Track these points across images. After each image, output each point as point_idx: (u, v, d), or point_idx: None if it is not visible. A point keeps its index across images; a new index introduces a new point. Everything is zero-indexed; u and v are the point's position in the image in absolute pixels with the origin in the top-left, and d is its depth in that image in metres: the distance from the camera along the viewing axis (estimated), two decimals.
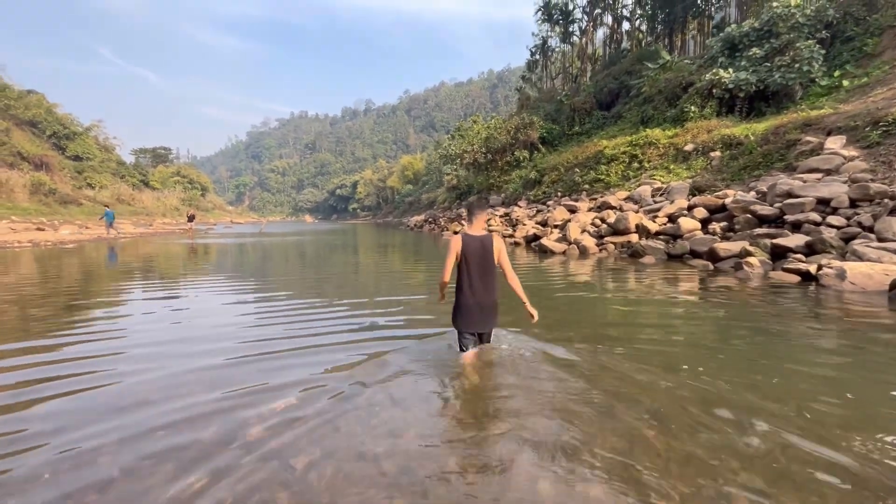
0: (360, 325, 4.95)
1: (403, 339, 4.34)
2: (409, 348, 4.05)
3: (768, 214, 9.57)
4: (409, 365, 3.59)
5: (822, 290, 6.04)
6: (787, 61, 17.20)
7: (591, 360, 3.62)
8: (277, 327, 4.93)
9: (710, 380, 3.19)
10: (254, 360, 3.81)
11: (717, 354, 3.82)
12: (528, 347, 3.87)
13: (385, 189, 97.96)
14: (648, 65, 25.81)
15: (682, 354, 3.82)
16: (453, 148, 32.59)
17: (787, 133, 13.01)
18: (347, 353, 3.98)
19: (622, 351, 3.86)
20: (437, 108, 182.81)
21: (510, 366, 3.48)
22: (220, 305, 6.30)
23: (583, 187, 19.35)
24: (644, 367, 3.42)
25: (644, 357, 3.70)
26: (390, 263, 12.38)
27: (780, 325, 4.60)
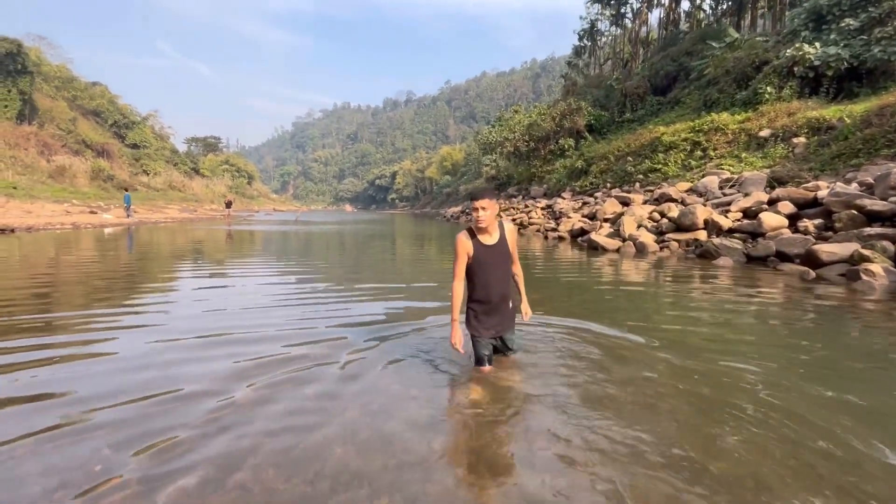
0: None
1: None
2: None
3: (882, 211, 7.75)
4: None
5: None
6: (891, 32, 14.66)
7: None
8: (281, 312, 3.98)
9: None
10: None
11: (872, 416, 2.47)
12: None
13: (423, 180, 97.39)
14: (713, 44, 23.28)
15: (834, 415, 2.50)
16: (494, 135, 31.10)
17: (895, 115, 10.86)
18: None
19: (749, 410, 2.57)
20: (477, 98, 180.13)
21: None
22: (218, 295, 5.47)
23: (636, 178, 17.55)
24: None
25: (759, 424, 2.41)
26: (426, 254, 11.37)
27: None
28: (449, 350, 3.05)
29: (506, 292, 2.83)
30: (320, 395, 2.73)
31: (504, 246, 2.80)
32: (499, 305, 2.82)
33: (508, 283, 2.87)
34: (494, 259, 2.77)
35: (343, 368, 3.14)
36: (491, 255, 2.76)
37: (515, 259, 2.96)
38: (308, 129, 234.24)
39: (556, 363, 3.19)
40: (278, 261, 9.78)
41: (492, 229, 2.77)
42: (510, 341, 3.02)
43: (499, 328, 2.88)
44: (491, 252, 2.76)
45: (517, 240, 2.95)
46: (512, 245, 2.86)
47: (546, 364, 3.16)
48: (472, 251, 2.74)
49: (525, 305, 3.08)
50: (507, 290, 2.85)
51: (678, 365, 3.20)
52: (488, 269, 2.76)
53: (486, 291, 2.78)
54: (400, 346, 3.60)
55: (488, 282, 2.77)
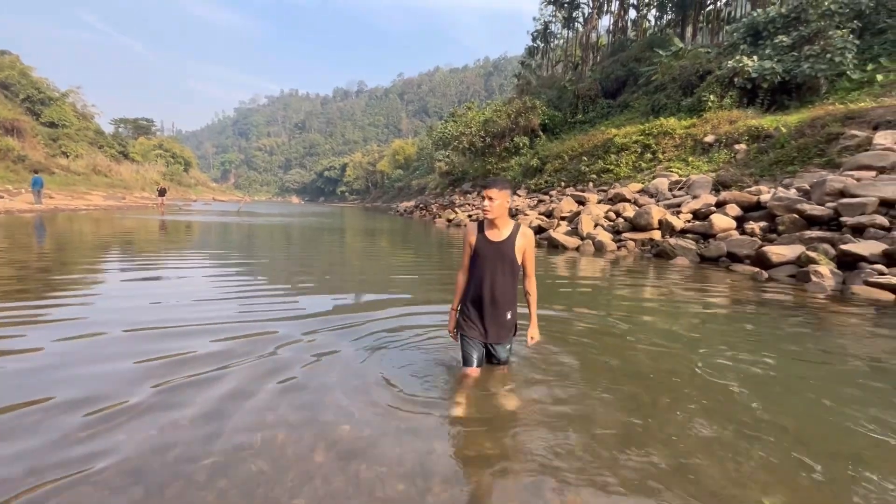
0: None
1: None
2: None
3: (820, 215, 8.25)
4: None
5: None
6: (817, 51, 15.87)
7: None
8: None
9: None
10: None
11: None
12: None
13: (375, 173, 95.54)
14: (660, 52, 24.33)
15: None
16: (449, 130, 30.83)
17: (827, 126, 11.71)
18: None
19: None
20: (430, 93, 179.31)
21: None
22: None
23: (589, 177, 17.94)
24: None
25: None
26: (378, 249, 10.84)
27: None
28: (389, 346, 3.07)
29: (500, 298, 2.55)
30: (232, 395, 2.51)
31: (509, 248, 2.49)
32: (490, 310, 2.56)
33: (508, 290, 2.56)
34: (493, 257, 2.50)
35: (271, 365, 2.87)
36: (491, 252, 2.51)
37: (530, 272, 2.62)
38: (252, 115, 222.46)
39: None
40: (217, 254, 8.89)
41: (501, 224, 2.52)
42: (499, 351, 2.73)
43: (487, 335, 2.62)
44: (492, 249, 2.51)
45: (534, 252, 2.61)
46: (523, 252, 2.54)
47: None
48: (475, 243, 2.57)
49: (534, 329, 2.72)
50: (504, 297, 2.56)
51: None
52: (484, 266, 2.52)
53: (478, 290, 2.55)
54: (336, 340, 3.36)
55: (482, 279, 2.53)
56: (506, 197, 2.45)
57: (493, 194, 2.42)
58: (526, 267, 2.60)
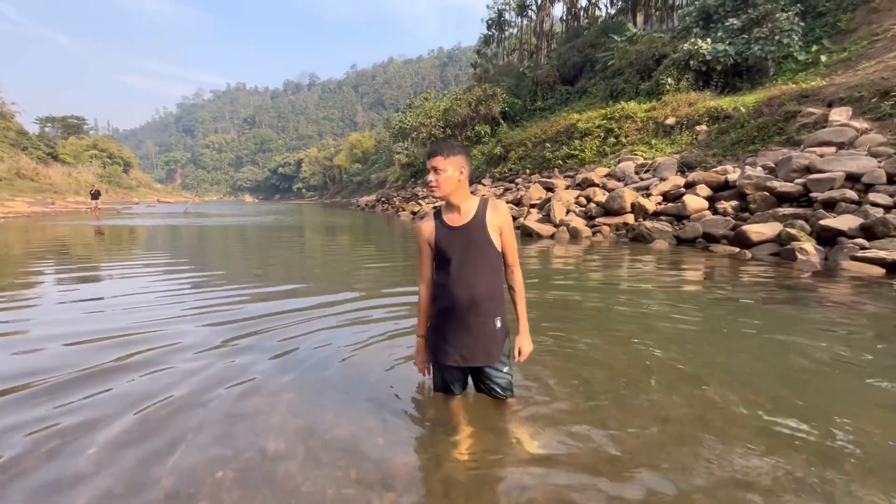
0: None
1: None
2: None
3: (790, 192, 8.25)
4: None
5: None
6: (766, 33, 16.28)
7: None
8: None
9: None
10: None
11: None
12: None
13: (332, 168, 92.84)
14: (615, 37, 24.49)
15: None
16: (409, 120, 29.98)
17: (784, 105, 11.92)
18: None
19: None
20: (386, 84, 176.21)
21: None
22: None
23: (555, 164, 17.76)
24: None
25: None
26: (339, 245, 10.06)
27: None
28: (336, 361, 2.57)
29: (482, 301, 1.83)
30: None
31: (480, 230, 1.82)
32: (470, 320, 1.84)
33: (490, 287, 1.85)
34: (461, 247, 1.82)
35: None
36: (456, 242, 1.83)
37: (511, 260, 1.91)
38: (197, 111, 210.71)
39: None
40: (158, 259, 7.87)
41: (461, 202, 1.84)
42: (494, 378, 1.97)
43: (467, 354, 1.87)
44: (457, 237, 1.83)
45: (514, 231, 1.91)
46: (499, 233, 1.85)
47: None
48: (434, 236, 1.88)
49: (523, 338, 1.95)
50: (486, 297, 1.84)
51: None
52: (452, 263, 1.83)
53: (449, 296, 1.85)
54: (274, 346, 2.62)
55: (452, 281, 1.83)
56: (458, 165, 1.79)
57: (439, 163, 1.76)
58: (506, 253, 1.90)
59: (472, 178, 23.34)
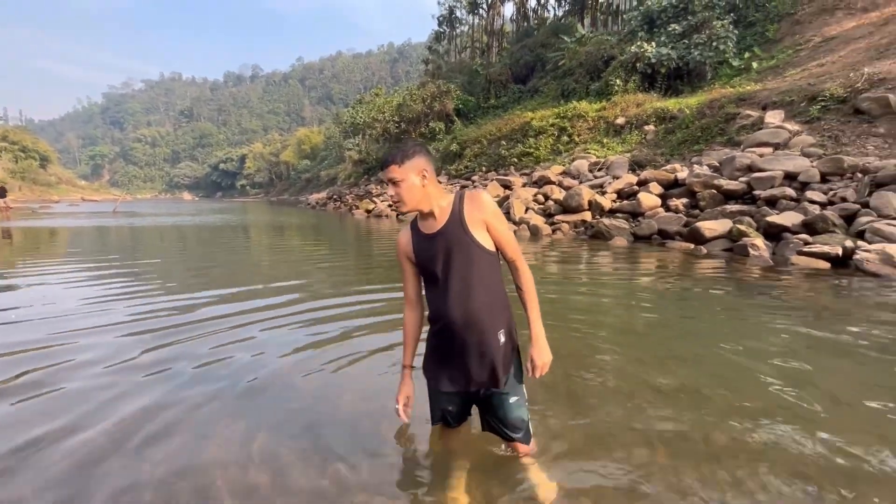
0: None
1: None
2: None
3: (736, 190, 8.67)
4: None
5: (882, 280, 4.91)
6: (704, 39, 17.21)
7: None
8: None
9: None
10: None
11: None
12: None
13: (279, 164, 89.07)
14: (565, 38, 25.05)
15: None
16: (361, 115, 29.18)
17: (724, 107, 12.60)
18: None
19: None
20: (334, 79, 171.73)
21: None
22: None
23: (510, 161, 17.87)
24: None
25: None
26: (289, 244, 9.47)
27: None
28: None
29: (479, 313, 1.54)
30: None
31: (459, 230, 1.53)
32: (462, 336, 1.56)
33: (487, 295, 1.56)
34: (444, 254, 1.55)
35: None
36: (435, 249, 1.57)
37: (512, 254, 1.61)
38: (126, 102, 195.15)
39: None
40: (83, 264, 6.99)
41: (433, 205, 1.56)
42: (501, 409, 1.65)
43: (466, 375, 1.60)
44: (435, 244, 1.57)
45: (505, 222, 1.61)
46: (484, 228, 1.55)
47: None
48: (413, 250, 1.64)
49: (540, 348, 1.62)
50: (484, 308, 1.55)
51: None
52: (437, 275, 1.57)
53: (440, 315, 1.59)
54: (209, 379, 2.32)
55: (441, 297, 1.57)
56: (418, 168, 1.51)
57: (395, 173, 1.49)
58: (503, 248, 1.60)
59: None
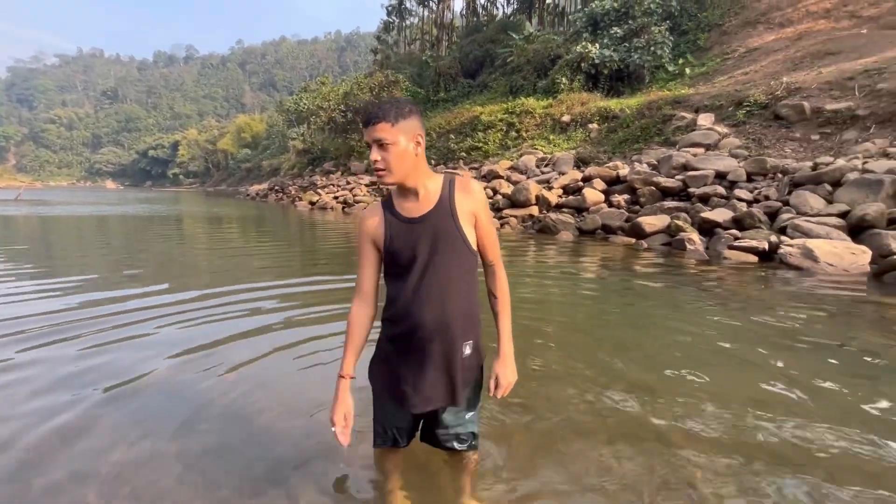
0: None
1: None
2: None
3: (672, 187, 9.07)
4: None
5: (803, 272, 5.24)
6: (643, 44, 17.99)
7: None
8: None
9: None
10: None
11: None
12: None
13: (216, 152, 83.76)
14: (513, 35, 25.32)
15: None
16: (305, 103, 27.93)
17: (661, 109, 13.21)
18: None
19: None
20: (277, 65, 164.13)
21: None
22: None
23: (459, 155, 17.80)
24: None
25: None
26: (228, 238, 8.78)
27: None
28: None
29: (452, 318, 1.31)
30: None
31: (448, 220, 1.30)
32: (429, 344, 1.32)
33: (461, 298, 1.33)
34: (424, 245, 1.30)
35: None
36: (416, 238, 1.30)
37: (493, 257, 1.41)
38: (36, 78, 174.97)
39: None
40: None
41: (419, 184, 1.30)
42: (453, 426, 1.45)
43: (428, 394, 1.35)
44: (417, 231, 1.30)
45: (490, 218, 1.40)
46: (473, 223, 1.34)
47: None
48: (384, 234, 1.34)
49: (505, 365, 1.43)
50: (459, 313, 1.33)
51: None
52: (412, 267, 1.31)
53: (403, 312, 1.33)
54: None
55: (412, 293, 1.31)
56: (413, 132, 1.25)
57: (385, 133, 1.21)
58: (485, 250, 1.39)
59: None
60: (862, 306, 4.18)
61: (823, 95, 10.42)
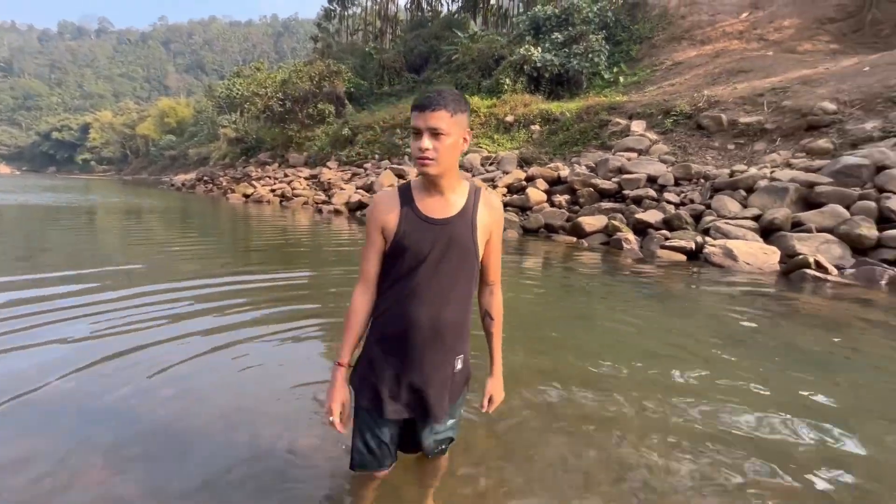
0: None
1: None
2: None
3: (609, 189, 9.56)
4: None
5: (724, 270, 5.71)
6: (581, 50, 18.81)
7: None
8: None
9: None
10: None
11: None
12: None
13: (134, 138, 76.60)
14: (458, 33, 25.44)
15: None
16: (238, 88, 26.27)
17: (598, 114, 13.88)
18: None
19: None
20: (206, 46, 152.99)
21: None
22: None
23: (404, 151, 17.58)
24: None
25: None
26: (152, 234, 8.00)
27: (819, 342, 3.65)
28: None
29: (449, 330, 1.29)
30: None
31: (466, 230, 1.27)
32: (422, 350, 1.28)
33: (459, 309, 1.31)
34: (437, 248, 1.25)
35: None
36: (431, 239, 1.25)
37: (494, 276, 1.42)
38: None
39: None
40: None
41: (448, 186, 1.27)
42: (435, 435, 1.41)
43: (413, 402, 1.32)
44: (434, 233, 1.25)
45: (501, 237, 1.40)
46: (489, 237, 1.34)
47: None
48: (397, 226, 1.26)
49: (499, 385, 1.46)
50: (456, 326, 1.30)
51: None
52: (420, 268, 1.25)
53: (400, 311, 1.28)
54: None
55: (408, 291, 1.26)
56: (464, 128, 1.23)
57: (442, 122, 1.15)
58: (488, 268, 1.39)
59: (316, 161, 21.85)
60: (775, 301, 4.64)
61: (738, 109, 11.48)
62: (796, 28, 16.07)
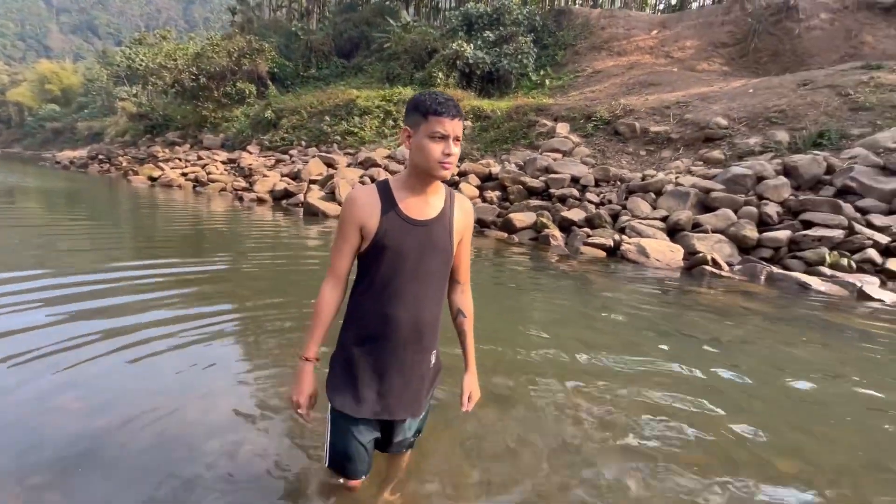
0: None
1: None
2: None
3: (537, 187, 10.03)
4: None
5: (638, 266, 6.27)
6: (511, 51, 19.42)
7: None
8: None
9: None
10: None
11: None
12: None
13: (5, 104, 65.68)
14: (391, 21, 24.97)
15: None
16: (142, 59, 23.52)
17: (526, 114, 14.46)
18: None
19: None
20: (100, 6, 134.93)
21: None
22: None
23: (333, 139, 16.97)
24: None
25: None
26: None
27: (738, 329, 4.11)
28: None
29: (427, 328, 1.33)
30: None
31: (443, 232, 1.31)
32: (409, 354, 1.32)
33: (435, 308, 1.35)
34: (417, 249, 1.28)
35: None
36: (412, 240, 1.27)
37: (465, 276, 1.47)
38: None
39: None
40: None
41: (434, 189, 1.32)
42: (410, 429, 1.46)
43: (393, 402, 1.33)
44: (414, 234, 1.27)
45: (470, 240, 1.47)
46: (461, 240, 1.40)
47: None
48: (378, 226, 1.26)
49: (475, 381, 1.51)
50: (430, 321, 1.33)
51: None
52: (400, 269, 1.27)
53: (378, 313, 1.29)
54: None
55: (387, 292, 1.28)
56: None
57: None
58: (459, 268, 1.44)
59: (235, 145, 20.29)
60: (680, 292, 5.23)
61: (649, 118, 12.60)
62: (696, 49, 17.97)
